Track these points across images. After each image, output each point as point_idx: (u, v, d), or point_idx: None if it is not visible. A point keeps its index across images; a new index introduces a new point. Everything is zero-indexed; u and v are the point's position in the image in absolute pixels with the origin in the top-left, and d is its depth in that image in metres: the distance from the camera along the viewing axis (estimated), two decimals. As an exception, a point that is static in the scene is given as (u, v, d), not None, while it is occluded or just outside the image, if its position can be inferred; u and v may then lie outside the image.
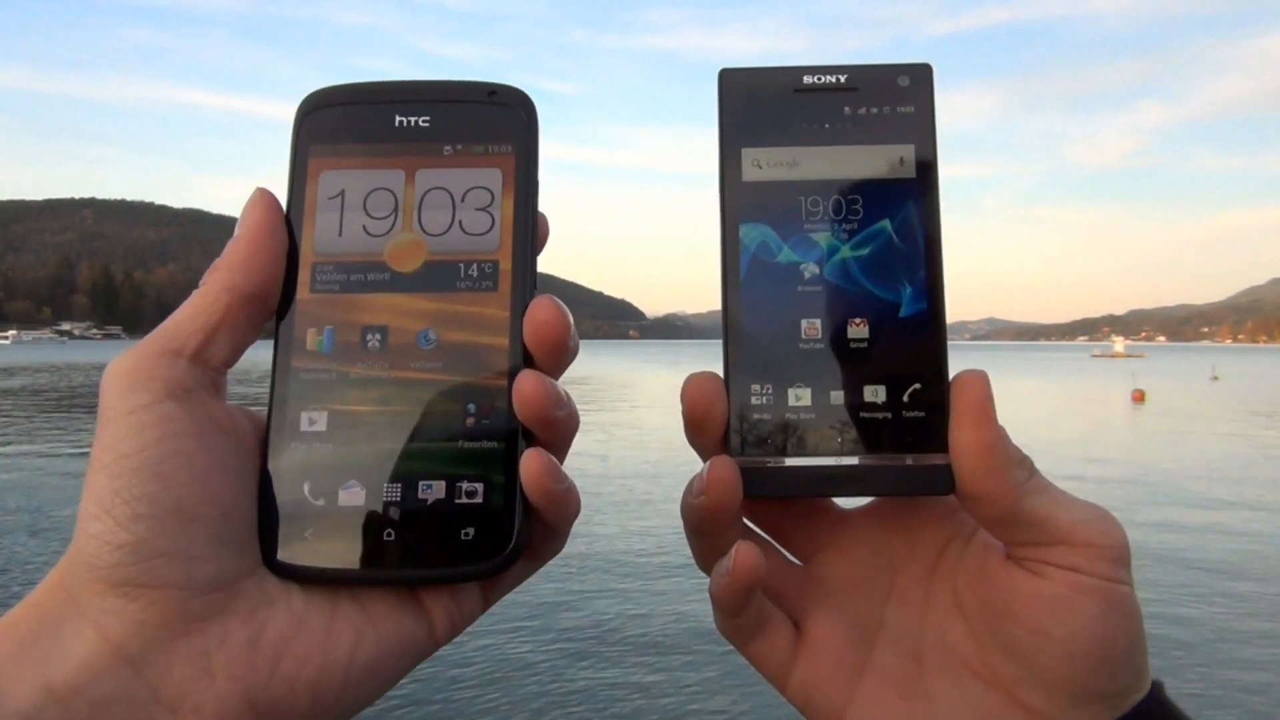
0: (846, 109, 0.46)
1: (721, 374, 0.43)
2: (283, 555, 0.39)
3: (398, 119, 0.44)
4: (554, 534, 0.43)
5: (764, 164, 0.45)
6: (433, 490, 0.40)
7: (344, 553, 0.40)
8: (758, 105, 0.46)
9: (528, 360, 0.41)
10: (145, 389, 0.37)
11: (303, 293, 0.42)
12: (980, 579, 0.42)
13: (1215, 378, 45.98)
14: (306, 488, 0.40)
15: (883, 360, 0.43)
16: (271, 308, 0.42)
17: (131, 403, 0.36)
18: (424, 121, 0.44)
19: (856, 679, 0.44)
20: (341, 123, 0.44)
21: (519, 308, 0.42)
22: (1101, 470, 13.68)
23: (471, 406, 0.41)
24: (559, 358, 0.41)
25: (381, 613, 0.39)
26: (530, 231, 0.43)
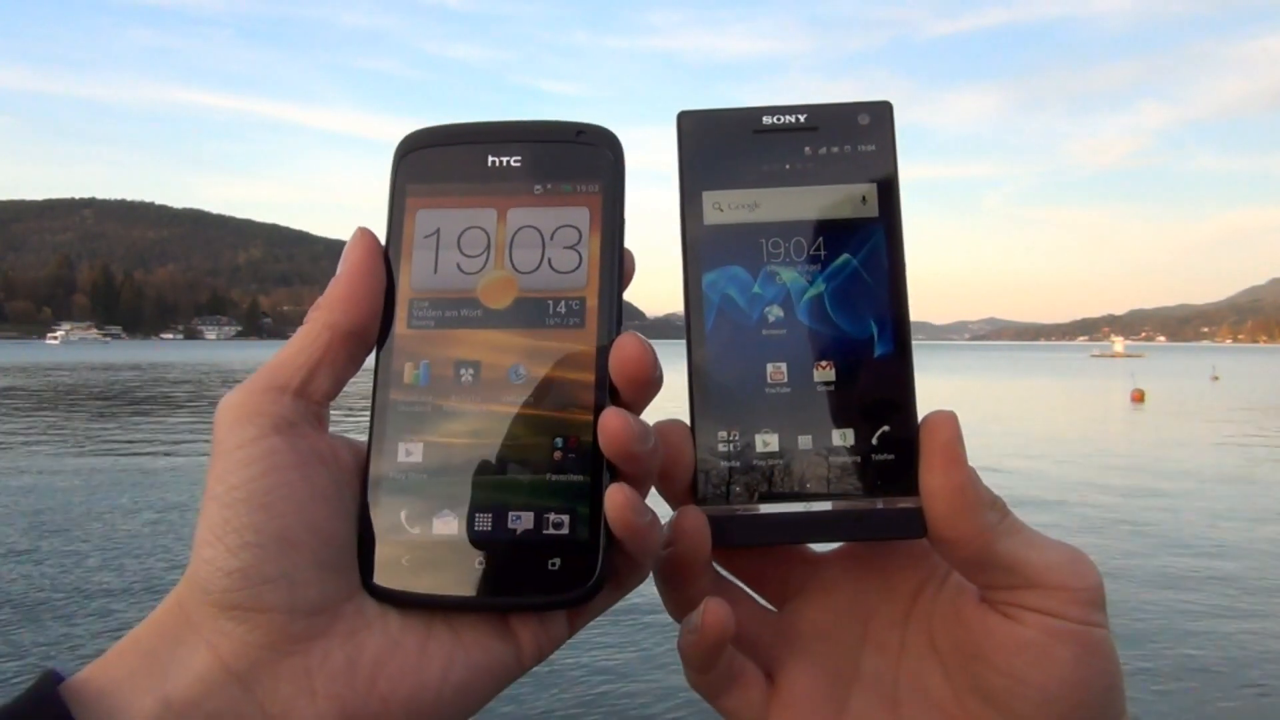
0: (807, 149, 0.46)
1: (688, 421, 0.43)
2: (380, 580, 0.41)
3: (490, 159, 0.45)
4: (637, 565, 0.43)
5: (725, 206, 0.45)
6: (521, 521, 0.42)
7: (438, 579, 0.41)
8: (717, 147, 0.46)
9: (613, 395, 0.42)
10: (253, 424, 0.39)
11: (400, 328, 0.44)
12: (955, 623, 0.42)
13: (1215, 378, 45.95)
14: (403, 516, 0.42)
15: (850, 403, 0.43)
16: (371, 343, 0.43)
17: (240, 437, 0.38)
18: (515, 161, 0.45)
19: None
20: (437, 163, 0.46)
21: (605, 344, 0.42)
22: (1101, 470, 13.68)
23: (559, 441, 0.42)
24: (644, 393, 0.42)
25: (472, 637, 0.41)
26: (617, 269, 0.44)
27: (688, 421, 0.43)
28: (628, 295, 0.45)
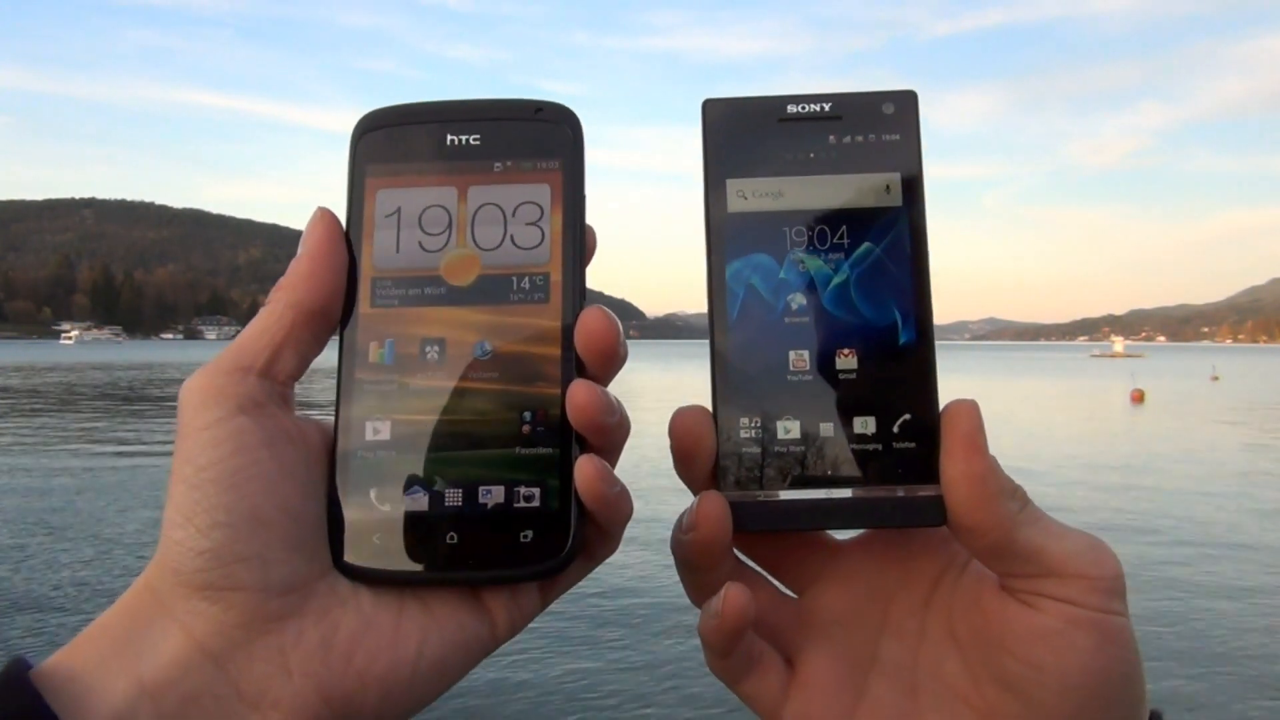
0: (831, 137, 0.46)
1: (710, 407, 0.43)
2: (351, 558, 0.41)
3: (449, 138, 0.45)
4: (608, 535, 0.44)
5: (749, 194, 0.45)
6: (492, 495, 0.42)
7: (409, 555, 0.41)
8: (742, 135, 0.46)
9: (579, 368, 0.42)
10: (219, 405, 0.39)
11: (364, 307, 0.44)
12: (974, 610, 0.42)
13: (1215, 378, 45.95)
14: (373, 494, 0.42)
15: (872, 391, 0.43)
16: (334, 322, 0.43)
17: (206, 418, 0.38)
18: (474, 140, 0.45)
19: (850, 715, 0.43)
20: (395, 143, 0.45)
21: (570, 318, 0.43)
22: (1100, 470, 13.69)
23: (527, 415, 0.42)
24: (609, 365, 0.42)
25: (445, 612, 0.41)
26: (579, 244, 0.44)
27: (709, 408, 0.43)
28: (627, 295, 0.55)
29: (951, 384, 0.40)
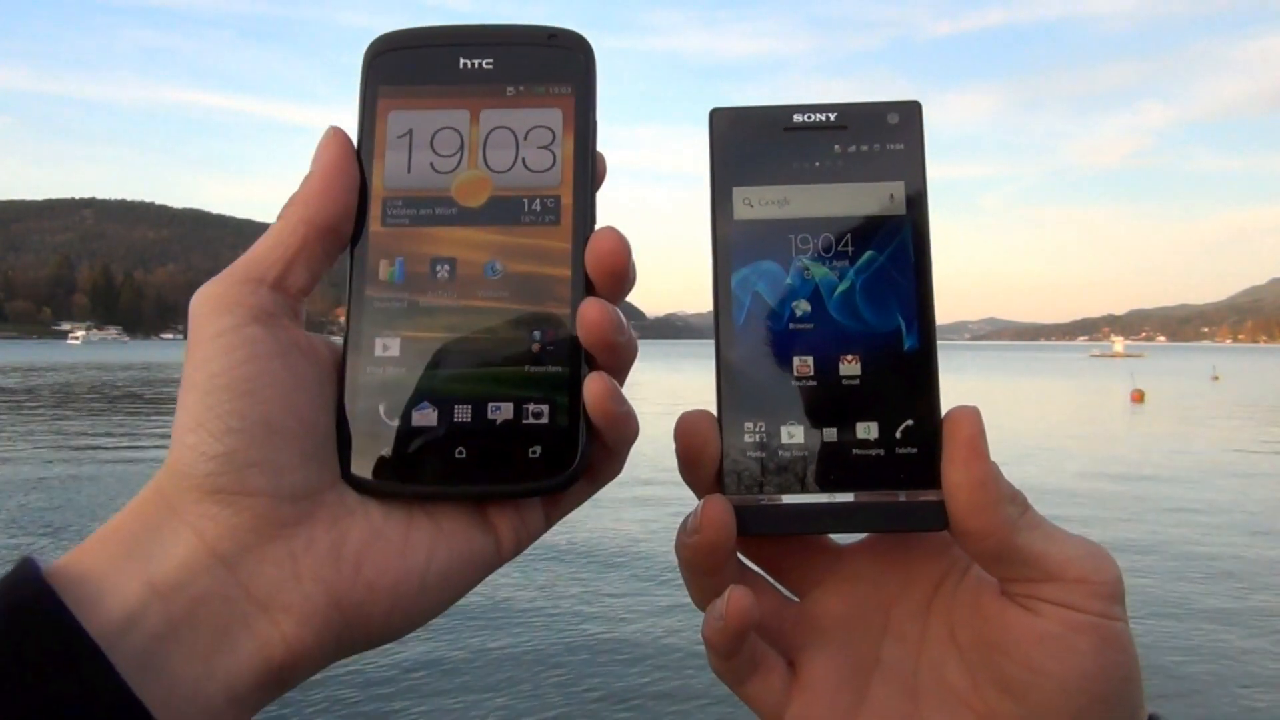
0: (836, 147, 0.46)
1: (715, 411, 0.44)
2: (359, 470, 0.41)
3: (462, 61, 0.45)
4: (613, 455, 0.44)
5: (755, 202, 0.46)
6: (501, 411, 0.42)
7: (417, 469, 0.42)
8: (748, 145, 0.46)
9: (590, 289, 0.43)
10: (231, 313, 0.39)
11: (374, 226, 0.44)
12: (975, 614, 0.42)
13: (1215, 378, 45.89)
14: (382, 409, 0.42)
15: (875, 397, 0.43)
16: (345, 239, 0.44)
17: (219, 325, 0.39)
18: (487, 64, 0.45)
19: (851, 718, 0.44)
20: (408, 65, 0.46)
21: (580, 240, 0.43)
22: (1100, 470, 13.67)
23: (537, 333, 0.43)
24: (620, 285, 0.43)
25: (452, 527, 0.41)
26: (590, 168, 0.45)
27: (714, 413, 0.44)
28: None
29: (951, 384, 0.41)
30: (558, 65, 0.46)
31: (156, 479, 0.38)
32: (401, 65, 0.46)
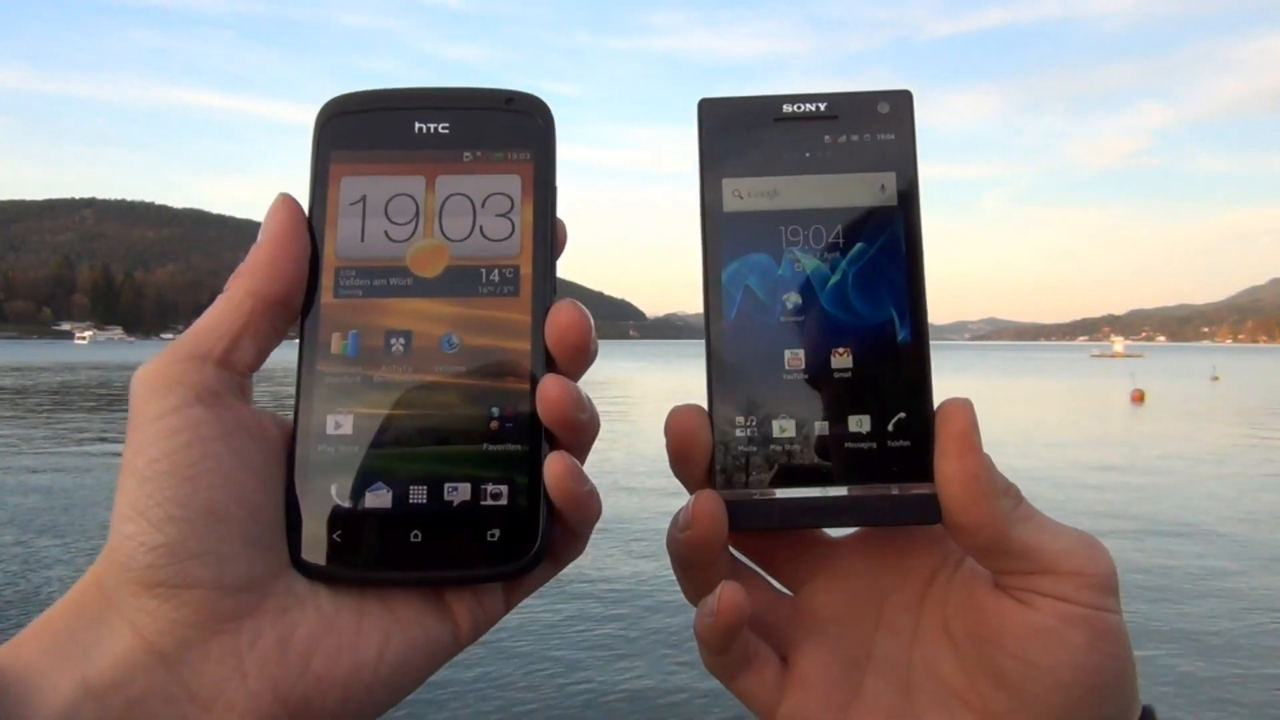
0: (827, 137, 0.46)
1: (705, 406, 0.43)
2: (310, 556, 0.39)
3: (417, 125, 0.44)
4: (575, 536, 0.43)
5: (745, 194, 0.45)
6: (458, 492, 0.41)
7: (371, 554, 0.40)
8: (737, 135, 0.46)
9: (549, 364, 0.41)
10: (173, 394, 0.37)
11: (326, 297, 0.42)
12: (968, 607, 0.42)
13: (1215, 378, 45.91)
14: (333, 490, 0.40)
15: (867, 390, 0.43)
16: (295, 312, 0.42)
17: (160, 407, 0.37)
18: (443, 128, 0.44)
19: (845, 712, 0.43)
20: (361, 129, 0.44)
21: (540, 312, 0.42)
22: (1099, 471, 13.68)
23: (495, 410, 0.41)
24: (580, 360, 0.42)
25: (407, 614, 0.40)
26: (550, 236, 0.43)
27: (705, 407, 0.43)
28: (626, 295, 0.53)
29: (951, 384, 0.40)
30: (516, 130, 0.44)
31: (94, 568, 0.36)
32: (355, 129, 0.44)
